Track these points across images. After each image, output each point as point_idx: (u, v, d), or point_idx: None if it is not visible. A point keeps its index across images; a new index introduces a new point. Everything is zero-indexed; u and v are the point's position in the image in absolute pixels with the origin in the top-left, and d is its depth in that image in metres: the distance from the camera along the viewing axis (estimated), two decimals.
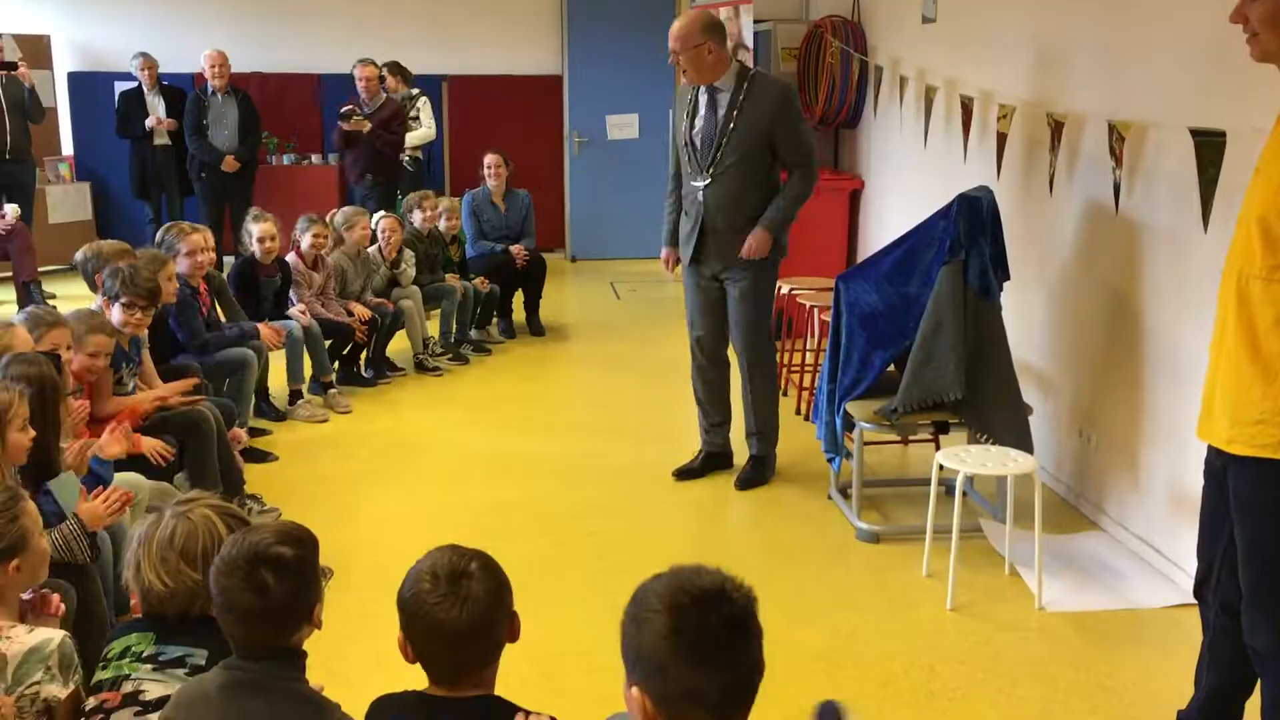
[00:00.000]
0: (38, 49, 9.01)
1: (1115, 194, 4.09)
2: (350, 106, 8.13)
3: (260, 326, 5.34)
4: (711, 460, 4.90)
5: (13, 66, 7.96)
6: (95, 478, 3.29)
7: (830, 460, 4.52)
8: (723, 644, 1.51)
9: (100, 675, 2.14)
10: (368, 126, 8.02)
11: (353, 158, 8.23)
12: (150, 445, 3.81)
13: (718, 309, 4.72)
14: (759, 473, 4.77)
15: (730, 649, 1.52)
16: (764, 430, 4.79)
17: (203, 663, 2.11)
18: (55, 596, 2.49)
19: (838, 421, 4.34)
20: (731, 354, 4.83)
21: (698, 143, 4.50)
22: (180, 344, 4.99)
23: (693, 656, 1.49)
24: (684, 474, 4.85)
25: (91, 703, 2.12)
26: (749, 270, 4.56)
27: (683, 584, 1.54)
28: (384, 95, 8.31)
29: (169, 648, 2.14)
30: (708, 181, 4.48)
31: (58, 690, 2.12)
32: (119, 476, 3.48)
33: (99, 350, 3.80)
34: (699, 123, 4.50)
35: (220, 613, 1.97)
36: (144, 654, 2.13)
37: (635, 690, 1.53)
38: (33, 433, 2.89)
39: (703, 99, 4.51)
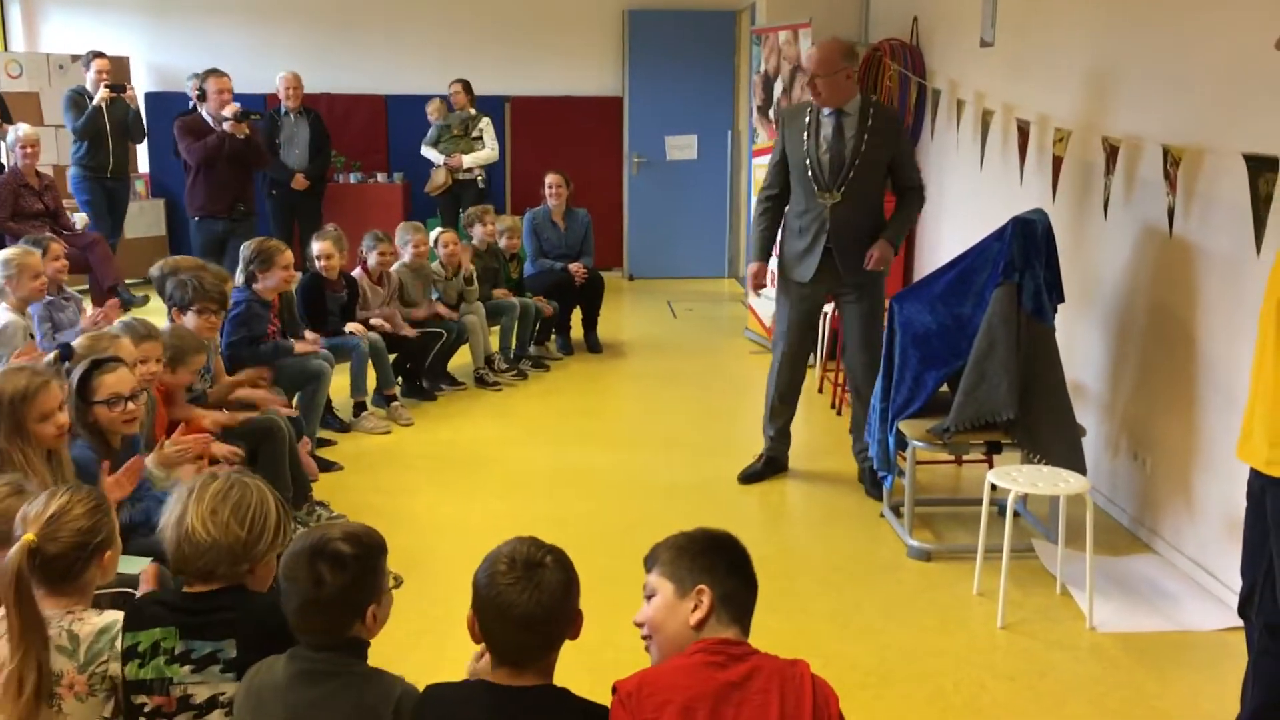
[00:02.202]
0: (119, 69, 9.31)
1: (1170, 218, 4.11)
2: (237, 109, 7.30)
3: (296, 343, 5.42)
4: (772, 464, 5.11)
5: (121, 89, 8.25)
6: (157, 500, 3.32)
7: (882, 478, 4.57)
8: (746, 562, 2.12)
9: (139, 673, 2.19)
10: (245, 132, 7.29)
11: (216, 182, 7.25)
12: (222, 450, 3.97)
13: (810, 324, 4.98)
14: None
15: (748, 566, 2.12)
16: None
17: (234, 654, 2.18)
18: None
19: (890, 440, 4.40)
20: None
21: (825, 162, 4.65)
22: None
23: (731, 569, 2.08)
24: (748, 477, 5.07)
25: (146, 703, 2.19)
26: (868, 288, 4.80)
27: (705, 530, 2.15)
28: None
29: (196, 643, 2.19)
30: (837, 200, 4.66)
31: (120, 668, 2.22)
32: None
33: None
34: (824, 143, 4.65)
35: (284, 599, 2.08)
36: (176, 651, 2.19)
37: (702, 588, 2.03)
38: (62, 420, 3.01)
39: (827, 121, 4.66)
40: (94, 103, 8.15)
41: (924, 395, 4.32)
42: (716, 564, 2.07)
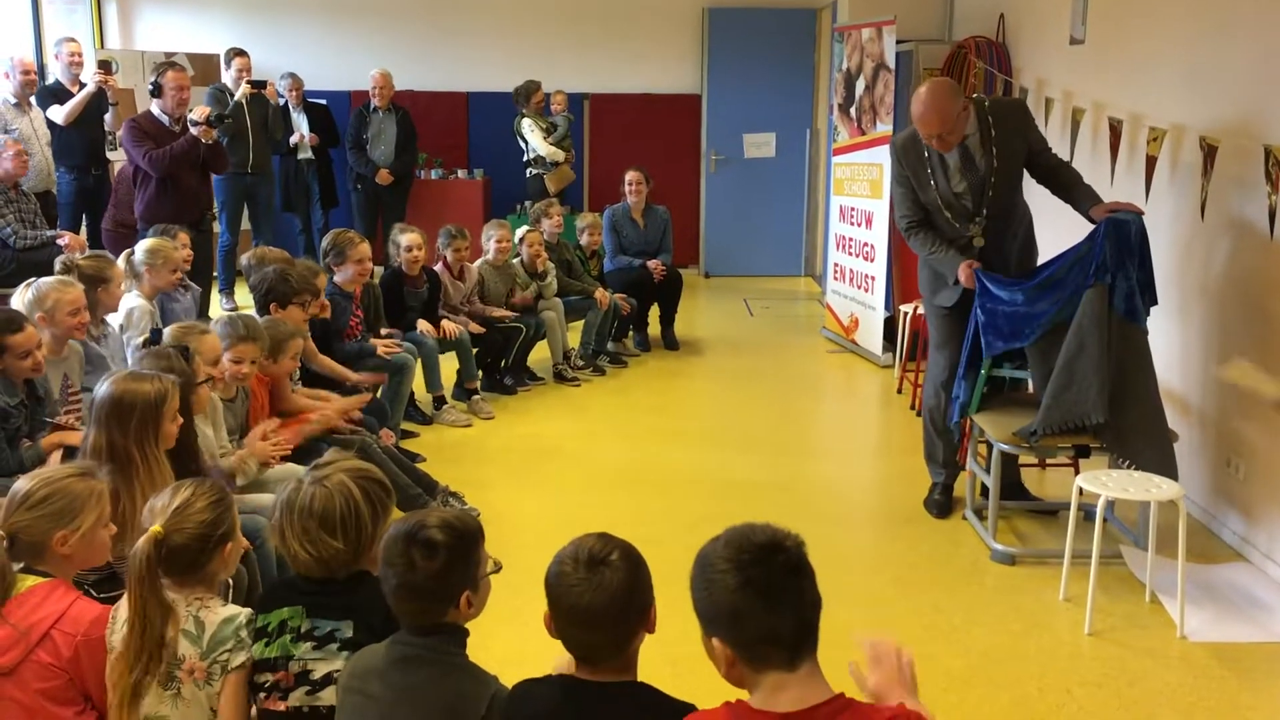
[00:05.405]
0: (208, 67, 9.53)
1: (1270, 219, 4.01)
2: (207, 113, 6.56)
3: (376, 343, 5.47)
4: (951, 491, 4.77)
5: (262, 85, 8.32)
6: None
7: (954, 425, 4.57)
8: (787, 586, 1.74)
9: (265, 651, 2.29)
10: (213, 138, 6.61)
11: (183, 191, 6.43)
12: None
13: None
14: None
15: (793, 590, 1.75)
16: None
17: (350, 634, 2.27)
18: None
19: (960, 392, 4.39)
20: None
21: (963, 192, 4.37)
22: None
23: (764, 602, 1.72)
24: (942, 510, 4.69)
25: (267, 679, 2.29)
26: None
27: (740, 542, 1.79)
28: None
29: (319, 622, 2.29)
30: (984, 224, 4.40)
31: (241, 658, 2.30)
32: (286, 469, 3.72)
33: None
34: (956, 174, 4.36)
35: (382, 580, 2.13)
36: (301, 629, 2.29)
37: (716, 642, 1.76)
38: (180, 421, 3.08)
39: (950, 153, 4.34)
40: (235, 99, 8.22)
41: (970, 351, 4.30)
42: (701, 594, 1.80)
